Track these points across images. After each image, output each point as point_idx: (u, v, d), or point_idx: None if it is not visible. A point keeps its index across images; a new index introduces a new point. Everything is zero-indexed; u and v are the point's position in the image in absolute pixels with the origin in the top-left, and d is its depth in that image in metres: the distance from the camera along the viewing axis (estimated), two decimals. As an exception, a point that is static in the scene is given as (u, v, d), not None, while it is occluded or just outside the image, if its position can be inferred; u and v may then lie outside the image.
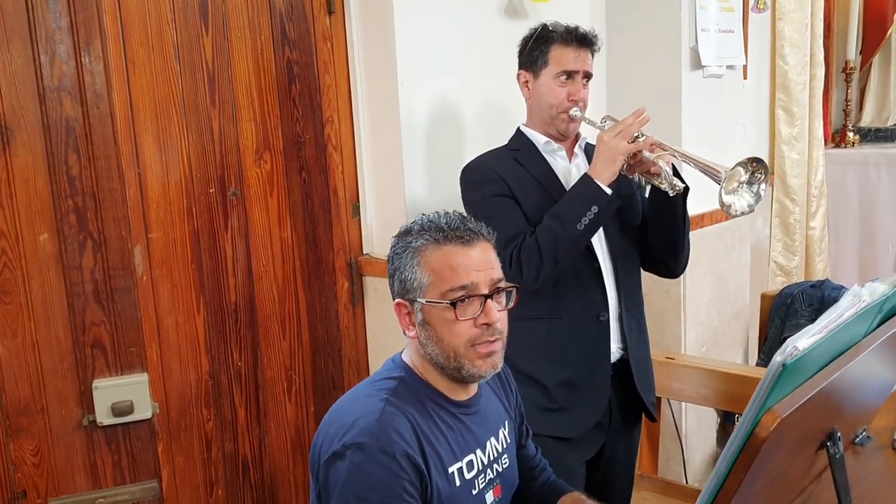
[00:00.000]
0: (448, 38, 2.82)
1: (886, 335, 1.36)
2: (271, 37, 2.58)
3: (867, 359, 1.32)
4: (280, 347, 2.70)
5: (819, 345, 1.14)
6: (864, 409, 1.70)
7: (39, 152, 1.94)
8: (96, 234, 2.01)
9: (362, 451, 1.48)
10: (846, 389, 1.34)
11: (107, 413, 2.04)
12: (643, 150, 2.14)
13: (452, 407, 1.65)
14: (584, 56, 2.31)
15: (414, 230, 1.63)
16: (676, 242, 2.33)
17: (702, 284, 3.44)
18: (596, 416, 2.32)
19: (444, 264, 1.57)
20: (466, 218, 1.65)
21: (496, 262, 1.64)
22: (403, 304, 1.62)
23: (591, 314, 2.31)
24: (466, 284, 1.56)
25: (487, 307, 1.57)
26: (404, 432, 1.52)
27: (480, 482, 1.67)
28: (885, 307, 1.39)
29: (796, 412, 1.10)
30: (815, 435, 1.34)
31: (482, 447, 1.68)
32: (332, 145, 2.73)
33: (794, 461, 1.33)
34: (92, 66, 1.96)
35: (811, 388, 1.15)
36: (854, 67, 5.15)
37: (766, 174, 2.05)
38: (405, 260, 1.60)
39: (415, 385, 1.62)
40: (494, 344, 1.59)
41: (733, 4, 3.47)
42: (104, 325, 2.04)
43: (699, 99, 3.35)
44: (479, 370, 1.59)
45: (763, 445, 1.07)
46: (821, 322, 1.19)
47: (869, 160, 4.90)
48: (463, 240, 1.59)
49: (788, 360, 1.07)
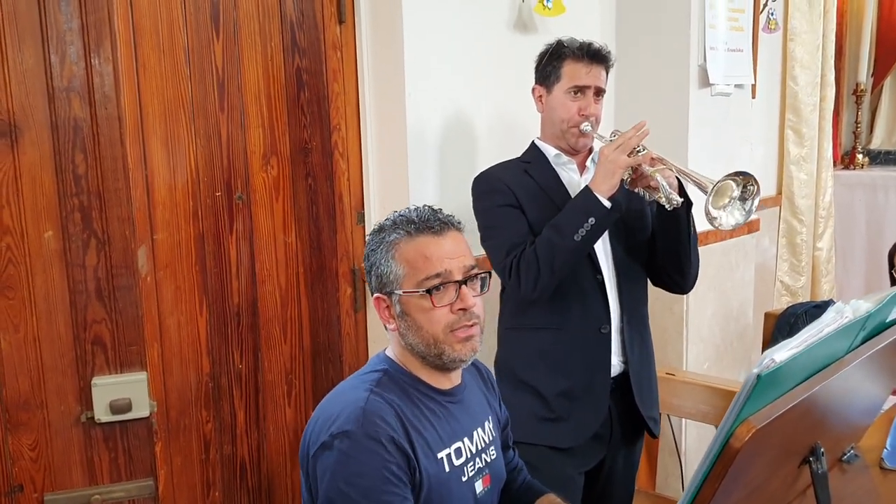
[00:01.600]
0: (457, 50, 2.84)
1: (869, 352, 1.37)
2: (281, 44, 2.61)
3: (849, 375, 1.33)
4: (281, 351, 2.72)
5: (797, 358, 1.15)
6: (852, 426, 1.71)
7: (47, 151, 1.97)
8: (100, 233, 2.03)
9: (349, 438, 1.51)
10: (828, 404, 1.35)
11: (105, 410, 2.06)
12: (643, 165, 2.16)
13: (437, 395, 1.68)
14: (596, 72, 2.34)
15: (387, 226, 1.68)
16: (682, 258, 2.34)
17: (705, 301, 3.44)
18: (594, 427, 2.33)
19: (417, 255, 1.62)
20: (437, 210, 1.70)
21: (468, 249, 1.69)
22: (382, 298, 1.66)
23: (593, 326, 2.32)
24: (440, 272, 1.61)
25: (462, 293, 1.62)
26: (389, 418, 1.55)
27: (469, 470, 1.70)
28: (869, 324, 1.40)
29: (773, 424, 1.11)
30: (798, 449, 1.34)
31: (469, 436, 1.72)
32: (338, 152, 2.76)
33: (774, 474, 1.34)
34: (101, 67, 1.99)
35: (789, 400, 1.16)
36: (865, 90, 5.15)
37: (757, 190, 2.06)
38: (380, 255, 1.65)
39: (398, 376, 1.67)
40: (472, 328, 1.64)
41: (743, 24, 3.48)
42: (105, 322, 2.07)
43: (706, 117, 3.36)
44: (459, 354, 1.63)
45: (737, 456, 1.08)
46: (800, 336, 1.21)
47: (877, 183, 4.90)
48: (433, 230, 1.64)
49: (763, 372, 1.08)
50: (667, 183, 2.13)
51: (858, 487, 1.73)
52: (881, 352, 1.44)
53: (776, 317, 3.76)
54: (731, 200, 2.10)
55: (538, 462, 2.31)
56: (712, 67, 3.30)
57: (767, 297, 4.57)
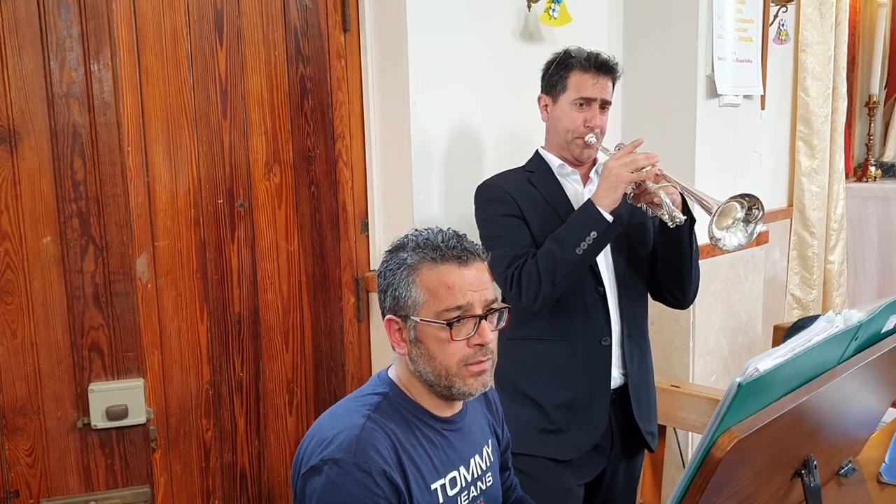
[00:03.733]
0: (462, 59, 2.84)
1: (862, 363, 1.35)
2: (285, 52, 2.62)
3: (841, 385, 1.31)
4: (283, 360, 2.71)
5: (782, 367, 1.13)
6: (848, 438, 1.68)
7: (46, 156, 1.98)
8: (98, 239, 2.03)
9: (338, 466, 1.48)
10: (820, 415, 1.32)
11: (101, 416, 2.06)
12: (647, 181, 2.15)
13: (436, 423, 1.65)
14: (602, 83, 2.33)
15: (409, 246, 1.62)
16: (683, 274, 2.32)
17: (712, 313, 3.42)
18: (594, 439, 2.31)
19: (440, 284, 1.57)
20: (462, 236, 1.64)
21: (490, 282, 1.64)
22: (395, 320, 1.61)
23: (594, 338, 2.31)
24: (462, 305, 1.56)
25: (481, 328, 1.58)
26: (382, 449, 1.52)
27: (464, 499, 1.66)
28: (860, 334, 1.38)
29: (757, 434, 1.09)
30: (789, 461, 1.32)
31: (466, 464, 1.68)
32: (342, 161, 2.75)
33: (764, 486, 1.32)
34: (101, 73, 1.99)
35: (775, 410, 1.14)
36: (877, 101, 5.11)
37: (762, 214, 2.06)
38: (399, 277, 1.60)
39: (398, 401, 1.63)
40: (485, 363, 1.60)
41: (752, 35, 3.46)
42: (102, 328, 2.06)
43: (714, 127, 3.34)
44: (469, 388, 1.60)
45: (719, 466, 1.06)
46: (788, 345, 1.19)
47: (890, 195, 4.86)
48: (460, 259, 1.58)
49: (745, 381, 1.06)
50: (670, 200, 2.12)
51: (854, 502, 1.70)
52: (876, 362, 1.41)
53: (785, 330, 3.72)
54: (734, 222, 2.09)
55: (537, 473, 2.29)
56: (720, 78, 3.28)
57: (778, 309, 4.53)
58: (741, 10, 3.36)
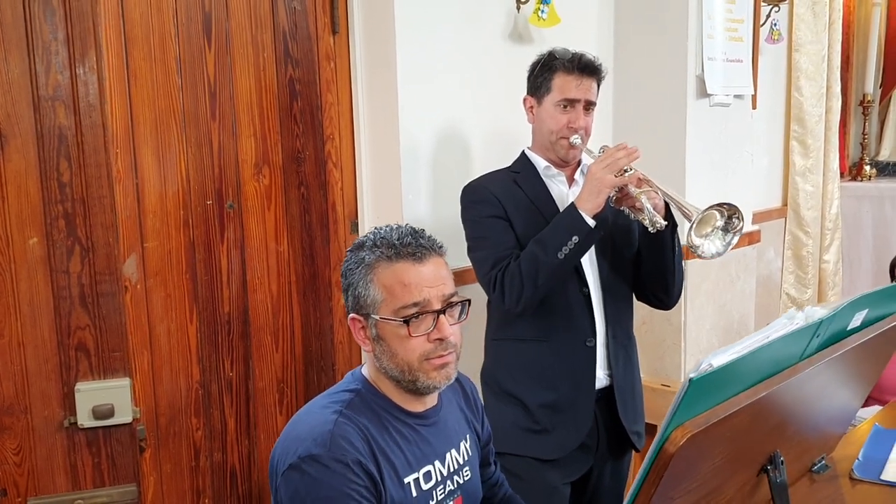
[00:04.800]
0: (452, 61, 2.86)
1: (825, 359, 1.36)
2: (274, 55, 2.63)
3: (805, 381, 1.32)
4: (273, 359, 2.73)
5: (738, 363, 1.15)
6: (821, 435, 1.69)
7: (32, 158, 2.00)
8: (84, 240, 2.05)
9: (316, 461, 1.50)
10: (784, 411, 1.33)
11: (88, 415, 2.07)
12: (629, 185, 2.16)
13: (409, 418, 1.67)
14: (587, 84, 2.33)
15: (367, 245, 1.64)
16: (666, 276, 2.34)
17: (703, 313, 3.43)
18: (578, 438, 2.32)
19: (395, 281, 1.59)
20: (419, 232, 1.66)
21: (448, 276, 1.66)
22: (358, 319, 1.64)
23: (579, 339, 2.32)
24: (419, 301, 1.58)
25: (440, 322, 1.59)
26: (356, 441, 1.54)
27: (439, 493, 1.68)
28: (823, 331, 1.39)
29: (714, 429, 1.10)
30: (754, 457, 1.33)
31: (441, 458, 1.70)
32: (332, 162, 2.77)
33: (728, 481, 1.33)
34: (86, 77, 2.01)
35: (732, 405, 1.15)
36: (872, 101, 5.12)
37: (741, 224, 2.08)
38: (358, 276, 1.62)
39: (370, 397, 1.65)
40: (448, 356, 1.61)
41: (742, 34, 3.47)
42: (89, 328, 2.08)
43: (705, 127, 3.36)
44: (433, 381, 1.61)
45: (672, 461, 1.07)
46: (745, 341, 1.20)
47: (885, 194, 4.86)
48: (415, 256, 1.60)
49: (696, 376, 1.08)
50: (651, 205, 2.14)
51: (824, 497, 1.71)
52: (841, 359, 1.42)
53: (778, 329, 3.73)
54: (713, 230, 2.12)
55: (523, 472, 2.31)
56: (710, 78, 3.29)
57: (773, 309, 4.53)
58: (731, 11, 3.37)
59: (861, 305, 1.54)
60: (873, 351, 1.67)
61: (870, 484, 1.87)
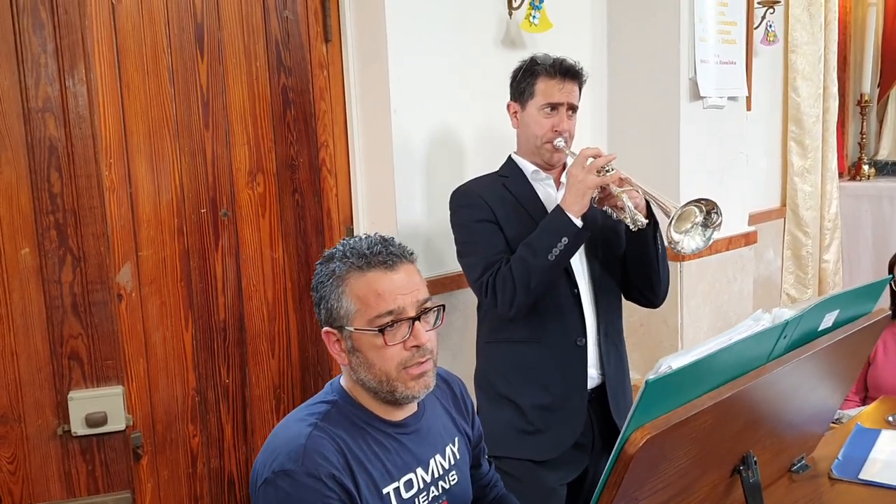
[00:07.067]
0: (444, 67, 2.88)
1: (794, 360, 1.36)
2: (267, 63, 2.65)
3: (773, 382, 1.32)
4: (269, 366, 2.75)
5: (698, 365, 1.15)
6: (798, 435, 1.69)
7: (23, 170, 2.02)
8: (76, 250, 2.07)
9: (290, 476, 1.49)
10: (754, 411, 1.34)
11: (81, 424, 2.09)
12: (610, 185, 2.18)
13: (388, 427, 1.65)
14: (569, 88, 2.36)
15: (336, 256, 1.62)
16: (651, 275, 2.36)
17: (700, 314, 3.44)
18: (572, 438, 2.33)
19: (368, 291, 1.57)
20: (388, 240, 1.64)
21: (421, 282, 1.65)
22: (332, 332, 1.62)
23: (570, 339, 2.34)
24: (393, 309, 1.57)
25: (416, 329, 1.58)
26: (330, 455, 1.53)
27: (422, 500, 1.67)
28: (790, 332, 1.39)
29: (675, 430, 1.11)
30: (724, 457, 1.34)
31: (424, 465, 1.69)
32: (326, 169, 2.79)
33: (697, 481, 1.33)
34: (75, 88, 2.03)
35: (694, 407, 1.16)
36: (869, 100, 5.12)
37: (720, 219, 2.09)
38: (329, 288, 1.60)
39: (348, 408, 1.63)
40: (425, 364, 1.61)
41: (735, 37, 3.48)
42: (81, 337, 2.10)
43: (699, 129, 3.37)
44: (412, 391, 1.60)
45: (632, 462, 1.08)
46: (707, 343, 1.21)
47: (883, 194, 4.86)
48: (386, 264, 1.59)
49: (654, 378, 1.09)
50: (633, 204, 2.15)
51: (801, 497, 1.71)
52: (812, 360, 1.43)
53: (776, 329, 3.73)
54: (693, 226, 2.13)
55: (519, 475, 2.32)
56: (703, 80, 3.31)
57: (772, 309, 4.53)
58: (723, 13, 3.39)
59: (831, 306, 1.54)
60: (846, 351, 1.68)
61: (848, 483, 1.87)
